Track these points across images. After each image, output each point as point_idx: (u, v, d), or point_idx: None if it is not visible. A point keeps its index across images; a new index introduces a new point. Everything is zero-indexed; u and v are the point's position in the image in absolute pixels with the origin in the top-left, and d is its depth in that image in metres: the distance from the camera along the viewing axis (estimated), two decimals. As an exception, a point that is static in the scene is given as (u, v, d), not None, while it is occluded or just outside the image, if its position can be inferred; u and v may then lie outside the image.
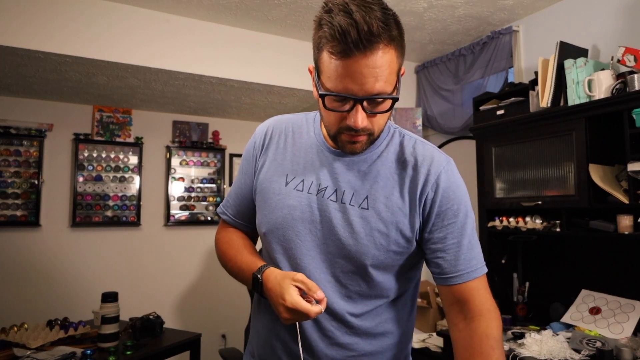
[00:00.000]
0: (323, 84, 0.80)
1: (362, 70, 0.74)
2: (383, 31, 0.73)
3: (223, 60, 2.83)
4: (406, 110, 3.44)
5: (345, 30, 0.72)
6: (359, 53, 0.73)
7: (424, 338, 2.77)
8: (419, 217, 0.89)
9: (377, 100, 0.78)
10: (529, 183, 2.28)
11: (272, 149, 0.98)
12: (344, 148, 0.86)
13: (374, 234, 0.87)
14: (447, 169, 0.91)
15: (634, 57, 1.94)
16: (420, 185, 0.88)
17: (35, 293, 3.14)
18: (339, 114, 0.81)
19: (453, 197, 0.90)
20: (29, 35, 2.33)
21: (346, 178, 0.90)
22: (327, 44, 0.76)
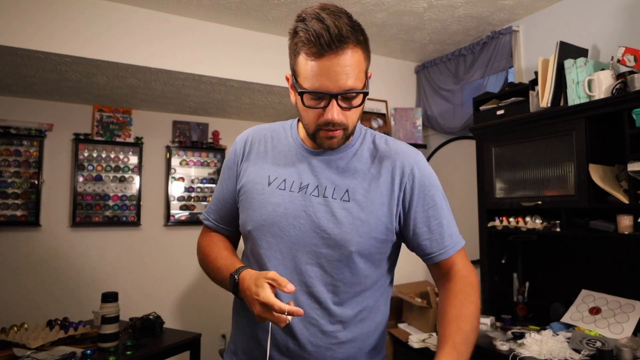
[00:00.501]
0: (300, 85, 0.89)
1: (335, 68, 0.84)
2: (351, 34, 0.84)
3: (223, 60, 2.83)
4: (406, 110, 3.44)
5: (318, 33, 0.82)
6: (332, 52, 0.83)
7: (424, 338, 2.76)
8: (399, 206, 0.99)
9: (349, 95, 0.88)
10: (529, 183, 2.28)
11: (253, 155, 1.05)
12: (322, 144, 0.95)
13: (356, 222, 0.95)
14: (418, 161, 1.03)
15: (634, 57, 1.94)
16: (398, 177, 0.99)
17: (35, 293, 3.13)
18: (317, 111, 0.90)
19: (428, 184, 1.02)
20: (29, 35, 2.33)
21: (326, 175, 0.98)
22: (303, 47, 0.86)
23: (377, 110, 3.39)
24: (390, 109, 3.46)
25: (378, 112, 3.40)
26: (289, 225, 0.97)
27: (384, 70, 3.47)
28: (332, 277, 0.96)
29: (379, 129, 3.36)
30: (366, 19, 2.78)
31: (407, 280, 3.35)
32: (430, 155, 3.49)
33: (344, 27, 0.83)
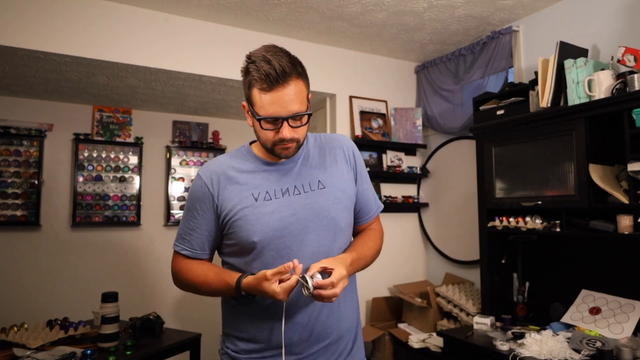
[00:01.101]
0: (257, 113, 1.09)
1: (284, 97, 1.07)
2: (292, 69, 1.08)
3: (223, 60, 2.83)
4: (406, 110, 3.44)
5: (267, 72, 1.05)
6: (279, 85, 1.06)
7: (424, 338, 2.77)
8: (354, 176, 1.28)
9: (296, 117, 1.10)
10: (529, 183, 2.28)
11: (223, 186, 1.18)
12: (280, 155, 1.16)
13: (337, 195, 1.20)
14: (351, 142, 1.32)
15: (634, 57, 1.94)
16: (345, 155, 1.28)
17: (35, 293, 3.13)
18: (272, 132, 1.11)
19: (359, 157, 1.31)
20: (29, 35, 2.33)
21: (295, 177, 1.20)
22: (256, 83, 1.08)
23: (377, 110, 3.39)
24: (390, 109, 3.46)
25: (378, 112, 3.40)
26: (288, 225, 1.14)
27: (384, 70, 3.47)
28: (330, 251, 1.18)
29: (379, 128, 3.36)
30: (366, 19, 2.78)
31: (407, 280, 3.35)
32: (430, 155, 3.49)
33: (286, 65, 1.06)
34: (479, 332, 2.24)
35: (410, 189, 3.53)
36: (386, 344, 2.96)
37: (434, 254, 3.44)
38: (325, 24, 2.85)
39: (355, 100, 3.30)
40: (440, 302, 2.93)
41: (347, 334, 1.24)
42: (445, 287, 2.96)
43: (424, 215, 3.54)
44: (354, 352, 1.26)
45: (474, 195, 2.76)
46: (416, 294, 3.04)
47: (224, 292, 1.17)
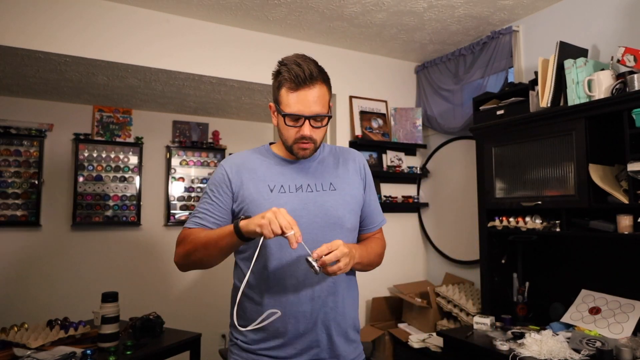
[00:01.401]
0: (283, 110, 1.21)
1: (308, 98, 1.19)
2: (318, 74, 1.21)
3: (223, 60, 2.83)
4: (406, 110, 3.44)
5: (297, 74, 1.18)
6: (305, 87, 1.18)
7: (424, 338, 2.77)
8: (363, 186, 1.39)
9: (317, 118, 1.22)
10: (529, 183, 2.28)
11: (245, 173, 1.29)
12: (297, 154, 1.27)
13: (346, 199, 1.31)
14: (361, 156, 1.44)
15: (633, 57, 1.94)
16: (358, 167, 1.40)
17: (35, 293, 3.14)
18: (295, 129, 1.22)
19: (369, 172, 1.43)
20: (30, 35, 2.33)
21: (310, 176, 1.31)
22: (285, 83, 1.20)
23: (377, 110, 3.39)
24: (390, 109, 3.46)
25: (378, 112, 3.40)
26: (298, 217, 1.17)
27: (384, 70, 3.47)
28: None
29: (379, 128, 3.36)
30: (366, 19, 2.78)
31: (407, 280, 3.35)
32: (430, 155, 3.49)
33: (314, 70, 1.19)
34: (479, 332, 2.24)
35: (410, 189, 3.53)
36: (386, 344, 2.96)
37: (434, 254, 3.44)
38: (325, 24, 2.85)
39: (355, 100, 3.30)
40: (440, 302, 2.93)
41: (351, 329, 1.32)
42: (445, 287, 2.96)
43: (424, 215, 3.54)
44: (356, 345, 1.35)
45: (474, 195, 2.76)
46: (416, 294, 3.04)
47: (223, 241, 1.15)
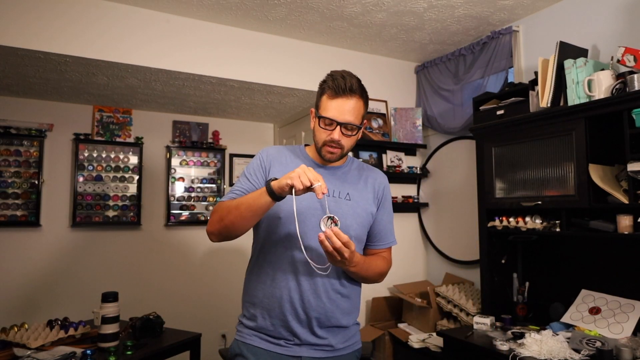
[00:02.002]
0: (319, 113, 1.35)
1: (344, 107, 1.32)
2: (358, 89, 1.34)
3: (223, 60, 2.83)
4: (406, 110, 3.44)
5: (339, 84, 1.31)
6: (344, 97, 1.32)
7: (424, 338, 2.77)
8: (377, 205, 1.48)
9: (349, 127, 1.34)
10: (528, 183, 2.28)
11: (276, 164, 1.41)
12: (324, 157, 1.38)
13: (355, 214, 1.39)
14: (386, 181, 1.54)
15: (633, 57, 1.94)
16: (377, 188, 1.49)
17: (35, 293, 3.14)
18: (327, 132, 1.34)
19: (388, 193, 1.52)
20: (30, 35, 2.33)
21: (332, 182, 1.41)
22: (327, 90, 1.33)
23: (377, 110, 3.39)
24: (390, 109, 3.46)
25: (378, 112, 3.40)
26: (310, 214, 1.33)
27: (384, 70, 3.47)
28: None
29: (379, 128, 3.36)
30: (366, 19, 2.78)
31: (407, 280, 3.35)
32: (430, 155, 3.49)
33: (355, 84, 1.33)
34: (479, 332, 2.24)
35: (410, 189, 3.53)
36: (386, 344, 2.96)
37: (434, 254, 3.44)
38: (325, 24, 2.85)
39: (355, 100, 3.30)
40: (440, 302, 2.93)
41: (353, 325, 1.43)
42: (445, 287, 2.96)
43: (424, 215, 3.54)
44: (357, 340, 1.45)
45: (474, 195, 2.76)
46: (416, 294, 3.04)
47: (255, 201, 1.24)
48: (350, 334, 1.42)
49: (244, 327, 1.39)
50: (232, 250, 3.76)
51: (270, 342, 1.33)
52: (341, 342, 1.38)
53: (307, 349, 1.33)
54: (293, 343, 1.32)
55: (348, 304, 1.40)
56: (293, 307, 1.31)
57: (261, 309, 1.35)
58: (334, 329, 1.36)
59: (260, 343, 1.34)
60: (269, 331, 1.33)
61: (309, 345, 1.33)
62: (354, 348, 1.43)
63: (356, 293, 1.45)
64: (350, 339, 1.41)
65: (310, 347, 1.33)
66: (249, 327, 1.37)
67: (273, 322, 1.33)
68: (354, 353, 1.43)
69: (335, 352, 1.36)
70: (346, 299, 1.39)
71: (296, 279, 1.32)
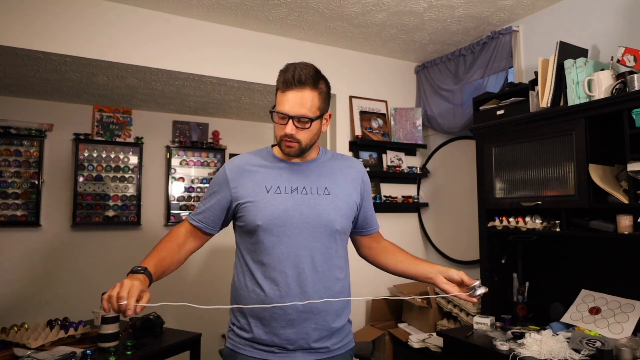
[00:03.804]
0: (272, 109, 1.32)
1: (294, 100, 1.27)
2: (309, 79, 1.28)
3: (223, 60, 2.83)
4: (406, 110, 3.44)
5: (286, 77, 1.28)
6: (293, 89, 1.28)
7: (424, 338, 2.77)
8: (359, 195, 1.46)
9: (301, 120, 1.28)
10: (529, 183, 2.28)
11: (244, 176, 1.37)
12: (283, 151, 1.35)
13: (337, 208, 1.37)
14: (361, 166, 1.52)
15: (633, 57, 1.94)
16: (357, 177, 1.47)
17: (35, 293, 3.14)
18: (281, 127, 1.31)
19: (367, 181, 1.51)
20: (30, 35, 2.33)
21: (307, 179, 1.38)
22: (278, 84, 1.31)
23: (377, 110, 3.39)
24: (390, 109, 3.46)
25: (378, 112, 3.40)
26: (290, 217, 1.30)
27: (384, 70, 3.47)
28: (326, 249, 1.35)
29: (379, 128, 3.36)
30: (366, 19, 2.78)
31: (407, 280, 3.35)
32: (430, 155, 3.49)
33: (304, 75, 1.27)
34: (479, 332, 2.24)
35: (410, 189, 3.53)
36: (386, 344, 2.96)
37: (434, 254, 3.44)
38: (325, 24, 2.85)
39: (355, 100, 3.30)
40: (440, 302, 2.93)
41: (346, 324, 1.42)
42: (445, 287, 2.95)
43: (424, 215, 3.54)
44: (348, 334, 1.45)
45: (474, 195, 2.76)
46: (416, 294, 3.04)
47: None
48: (344, 334, 1.41)
49: (235, 335, 1.37)
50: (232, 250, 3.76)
51: (265, 350, 1.31)
52: (335, 343, 1.37)
53: (301, 353, 1.31)
54: (287, 350, 1.31)
55: (340, 304, 1.38)
56: (285, 313, 1.29)
57: (252, 317, 1.32)
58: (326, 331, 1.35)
59: (254, 353, 1.31)
60: (262, 340, 1.31)
61: (303, 350, 1.32)
62: (348, 347, 1.42)
63: (346, 291, 1.43)
64: (344, 339, 1.41)
65: (305, 352, 1.32)
66: (241, 337, 1.35)
67: (265, 330, 1.30)
68: (349, 352, 1.43)
69: (330, 353, 1.35)
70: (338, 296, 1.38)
71: (287, 285, 1.30)
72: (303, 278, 1.31)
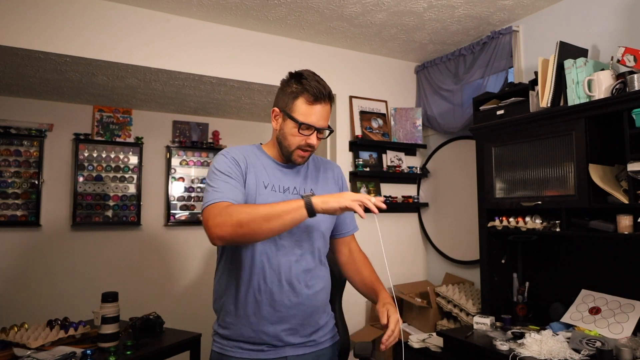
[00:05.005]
0: (297, 119, 1.33)
1: (322, 113, 1.34)
2: (330, 95, 1.36)
3: (223, 60, 2.83)
4: (406, 110, 3.44)
5: (319, 89, 1.33)
6: (322, 103, 1.34)
7: (424, 338, 2.77)
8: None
9: (323, 130, 1.37)
10: (529, 183, 2.28)
11: (248, 163, 1.38)
12: (295, 160, 1.39)
13: None
14: (339, 168, 1.61)
15: (633, 57, 1.94)
16: (336, 178, 1.56)
17: (35, 293, 3.14)
18: (302, 137, 1.34)
19: (345, 184, 1.59)
20: (30, 35, 2.33)
21: (296, 180, 1.44)
22: (305, 95, 1.33)
23: (377, 110, 3.39)
24: (390, 109, 3.46)
25: (378, 112, 3.40)
26: None
27: (384, 70, 3.47)
28: (312, 246, 1.41)
29: (379, 128, 3.36)
30: (366, 19, 2.78)
31: (407, 280, 3.35)
32: (430, 155, 3.49)
33: (329, 91, 1.36)
34: (479, 332, 2.24)
35: (410, 189, 3.53)
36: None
37: (434, 254, 3.44)
38: (325, 24, 2.85)
39: (355, 100, 3.30)
40: (440, 302, 2.93)
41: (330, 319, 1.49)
42: (445, 287, 2.96)
43: (424, 215, 3.54)
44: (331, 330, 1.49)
45: (474, 195, 2.76)
46: (416, 294, 3.04)
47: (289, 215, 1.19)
48: (329, 327, 1.47)
49: (221, 337, 1.37)
50: (232, 250, 3.76)
51: (253, 349, 1.32)
52: (322, 335, 1.42)
53: (290, 348, 1.34)
54: (276, 346, 1.33)
55: (324, 299, 1.44)
56: (275, 310, 1.31)
57: (238, 316, 1.33)
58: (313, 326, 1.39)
59: (243, 353, 1.32)
60: (250, 338, 1.32)
61: (292, 345, 1.35)
62: (334, 340, 1.48)
63: (328, 287, 1.48)
64: (330, 332, 1.47)
65: (294, 347, 1.35)
66: (227, 337, 1.35)
67: (253, 328, 1.31)
68: (335, 345, 1.49)
69: (318, 345, 1.40)
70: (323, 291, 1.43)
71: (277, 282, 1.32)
72: (291, 275, 1.34)
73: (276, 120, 1.41)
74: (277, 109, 1.41)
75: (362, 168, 3.21)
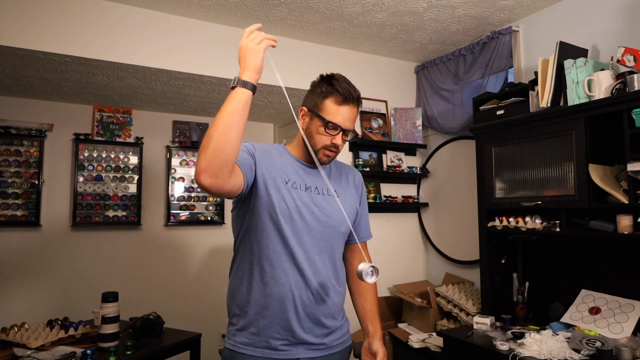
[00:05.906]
0: (325, 118, 1.35)
1: (349, 114, 1.37)
2: (359, 98, 1.40)
3: (223, 60, 2.83)
4: (406, 110, 3.44)
5: (348, 90, 1.35)
6: (350, 104, 1.36)
7: (424, 338, 2.77)
8: (359, 200, 1.56)
9: (349, 132, 1.38)
10: (528, 183, 2.29)
11: (265, 157, 1.37)
12: (320, 160, 1.38)
13: (346, 207, 1.41)
14: (359, 173, 1.62)
15: (633, 57, 1.94)
16: (357, 182, 1.57)
17: (35, 293, 3.14)
18: (328, 137, 1.36)
19: (364, 189, 1.61)
20: (30, 35, 2.33)
21: (317, 180, 1.43)
22: (334, 95, 1.35)
23: (377, 110, 3.39)
24: (390, 109, 3.46)
25: (378, 112, 3.40)
26: (305, 212, 1.36)
27: (384, 70, 3.47)
28: (331, 247, 1.41)
29: (379, 128, 3.36)
30: (366, 19, 2.78)
31: (407, 280, 3.35)
32: (430, 155, 3.49)
33: (357, 94, 1.38)
34: (479, 332, 2.24)
35: (410, 189, 3.53)
36: (386, 343, 2.96)
37: (434, 254, 3.44)
38: (325, 24, 2.85)
39: (355, 100, 3.30)
40: (440, 302, 2.93)
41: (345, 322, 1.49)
42: (445, 287, 2.96)
43: (424, 215, 3.54)
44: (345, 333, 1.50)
45: (474, 195, 2.76)
46: (416, 294, 3.04)
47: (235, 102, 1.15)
48: (343, 331, 1.47)
49: (235, 335, 1.37)
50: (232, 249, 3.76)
51: (267, 347, 1.32)
52: (335, 339, 1.41)
53: (304, 349, 1.34)
54: (289, 344, 1.33)
55: (340, 302, 1.46)
56: (294, 306, 1.32)
57: (254, 314, 1.33)
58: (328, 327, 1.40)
59: (255, 351, 1.32)
60: (265, 336, 1.32)
61: (306, 344, 1.34)
62: (346, 344, 1.47)
63: (344, 291, 1.51)
64: (343, 336, 1.46)
65: (307, 347, 1.34)
66: (242, 336, 1.35)
67: (269, 325, 1.32)
68: (347, 349, 1.48)
69: (329, 349, 1.40)
70: (340, 295, 1.45)
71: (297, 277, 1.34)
72: (309, 275, 1.35)
73: (303, 119, 1.42)
74: (305, 108, 1.42)
75: (362, 168, 3.21)
